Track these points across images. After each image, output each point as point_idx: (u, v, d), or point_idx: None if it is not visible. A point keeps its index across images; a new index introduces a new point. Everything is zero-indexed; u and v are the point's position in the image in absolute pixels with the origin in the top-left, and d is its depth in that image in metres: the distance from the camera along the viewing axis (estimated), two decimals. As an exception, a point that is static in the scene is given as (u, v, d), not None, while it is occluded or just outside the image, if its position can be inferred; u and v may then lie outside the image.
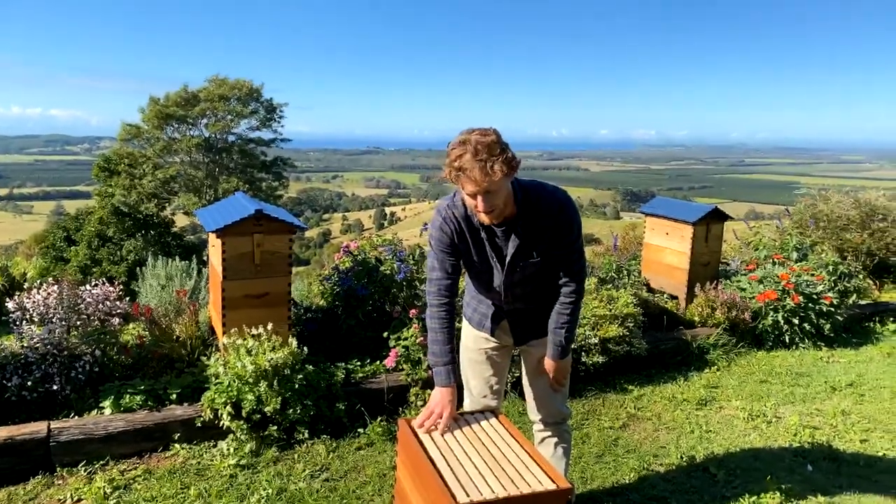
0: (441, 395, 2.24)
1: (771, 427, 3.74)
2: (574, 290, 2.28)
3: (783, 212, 7.48)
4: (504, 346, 2.50)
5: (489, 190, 2.02)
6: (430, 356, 2.31)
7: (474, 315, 2.50)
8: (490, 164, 1.97)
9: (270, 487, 2.92)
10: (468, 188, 2.03)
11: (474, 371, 2.54)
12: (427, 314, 2.34)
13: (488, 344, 2.49)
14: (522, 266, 2.25)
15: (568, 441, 2.57)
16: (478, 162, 1.96)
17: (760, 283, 5.30)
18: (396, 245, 4.27)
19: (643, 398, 4.10)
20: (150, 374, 3.48)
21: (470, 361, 2.54)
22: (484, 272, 2.32)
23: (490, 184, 1.99)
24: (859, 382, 4.46)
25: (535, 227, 2.18)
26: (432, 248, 2.29)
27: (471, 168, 1.97)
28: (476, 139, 1.97)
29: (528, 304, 2.37)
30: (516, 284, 2.30)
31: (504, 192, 2.08)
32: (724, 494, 2.98)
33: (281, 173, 28.38)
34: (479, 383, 2.53)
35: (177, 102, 25.73)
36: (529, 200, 2.17)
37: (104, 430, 3.10)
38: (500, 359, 2.52)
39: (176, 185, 26.51)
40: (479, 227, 2.22)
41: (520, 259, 2.23)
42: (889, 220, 6.77)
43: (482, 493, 1.87)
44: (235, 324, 3.53)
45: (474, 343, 2.52)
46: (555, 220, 2.18)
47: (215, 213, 3.70)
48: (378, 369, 3.85)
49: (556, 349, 2.36)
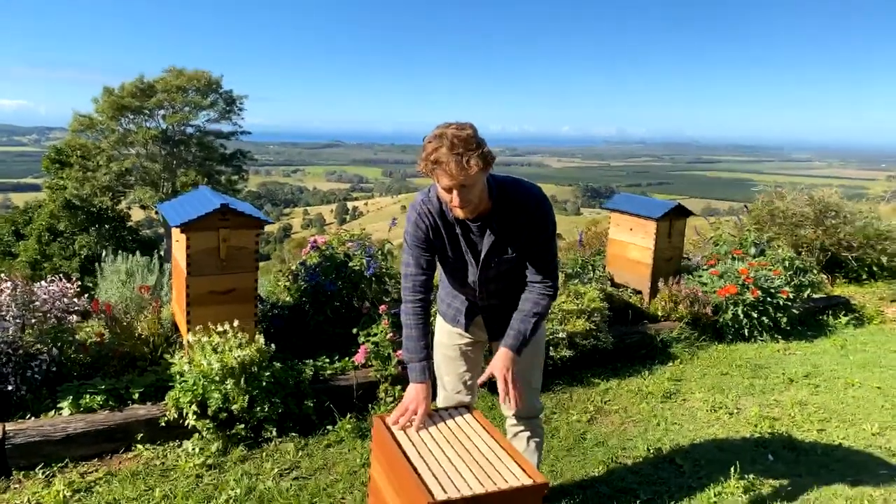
0: (415, 391, 2.22)
1: (733, 418, 3.84)
2: (550, 286, 2.28)
3: (742, 208, 7.68)
4: (478, 341, 2.50)
5: (465, 184, 2.01)
6: (405, 352, 2.29)
7: (448, 311, 2.49)
8: (466, 159, 1.95)
9: (238, 487, 2.86)
10: (444, 182, 2.01)
11: (448, 367, 2.53)
12: (401, 310, 2.32)
13: (462, 340, 2.48)
14: (497, 262, 2.24)
15: (540, 435, 2.58)
16: (454, 156, 1.95)
17: (721, 277, 5.43)
18: (365, 240, 4.23)
19: (610, 391, 4.16)
20: (111, 372, 3.38)
21: (444, 357, 2.53)
22: (459, 268, 2.31)
23: (466, 178, 1.98)
24: (815, 374, 4.61)
25: (510, 223, 2.18)
26: (407, 243, 2.27)
27: (447, 162, 1.96)
28: (453, 133, 1.96)
29: (502, 299, 2.36)
30: (491, 280, 2.30)
31: (479, 187, 2.07)
32: (690, 485, 3.04)
33: (241, 166, 27.88)
34: (453, 379, 2.52)
35: (132, 93, 24.98)
36: (505, 196, 2.16)
37: (63, 432, 2.99)
38: (474, 354, 2.52)
39: (132, 178, 25.80)
40: (454, 223, 2.21)
41: (494, 255, 2.23)
42: (841, 216, 7.01)
43: (459, 489, 1.87)
44: (200, 321, 3.45)
45: (448, 339, 2.51)
46: (530, 216, 2.19)
47: (179, 207, 3.60)
48: (347, 366, 3.81)
49: (517, 338, 2.24)
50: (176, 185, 25.83)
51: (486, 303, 2.37)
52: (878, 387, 4.39)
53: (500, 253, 2.22)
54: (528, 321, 2.25)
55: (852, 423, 3.81)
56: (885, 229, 7.15)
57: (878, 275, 7.08)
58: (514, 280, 2.32)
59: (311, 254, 4.21)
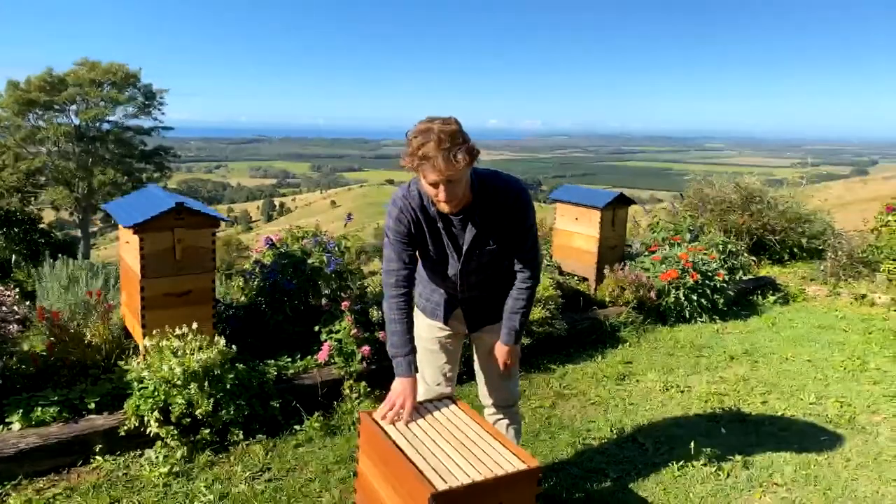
0: (402, 385, 2.24)
1: (684, 396, 4.03)
2: (530, 275, 2.34)
3: (677, 196, 8.03)
4: (457, 333, 2.53)
5: (451, 179, 2.03)
6: (390, 347, 2.29)
7: (427, 305, 2.50)
8: (453, 154, 1.97)
9: (211, 493, 2.79)
10: (430, 177, 2.03)
11: (428, 360, 2.55)
12: (385, 305, 2.32)
13: (442, 333, 2.51)
14: (479, 254, 2.28)
15: (518, 423, 2.65)
16: (442, 151, 1.96)
17: (662, 263, 5.67)
18: (321, 236, 4.17)
19: (567, 376, 4.29)
20: (63, 383, 3.20)
21: (423, 350, 2.54)
22: (439, 262, 2.33)
23: (453, 173, 2.00)
24: (752, 350, 4.90)
25: (491, 215, 2.22)
26: (389, 239, 2.27)
27: (434, 157, 1.97)
28: (439, 128, 1.97)
29: (482, 291, 2.40)
30: (472, 272, 2.33)
31: (464, 182, 2.10)
32: (654, 461, 3.18)
33: (163, 163, 26.75)
34: (433, 371, 2.55)
35: (40, 87, 23.53)
36: (486, 189, 2.20)
37: (14, 448, 2.82)
38: (453, 346, 2.55)
39: (43, 178, 24.29)
40: (435, 217, 2.23)
41: (476, 247, 2.26)
42: (765, 202, 7.45)
43: (458, 478, 1.90)
44: (156, 325, 3.32)
45: (427, 332, 2.52)
46: (510, 208, 2.23)
47: (128, 207, 3.45)
48: (309, 364, 3.76)
49: (510, 334, 2.41)
50: (92, 185, 24.56)
51: (466, 295, 2.40)
52: (808, 360, 4.71)
53: (482, 245, 2.26)
54: (515, 318, 2.38)
55: (791, 395, 4.08)
56: (805, 213, 7.65)
57: (799, 256, 7.57)
58: (493, 272, 2.36)
59: (266, 251, 4.12)
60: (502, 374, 2.53)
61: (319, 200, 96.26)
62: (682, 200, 7.74)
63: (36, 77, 23.84)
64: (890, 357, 4.78)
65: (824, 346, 5.00)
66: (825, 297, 6.41)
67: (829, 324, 5.58)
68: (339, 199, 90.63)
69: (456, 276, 2.33)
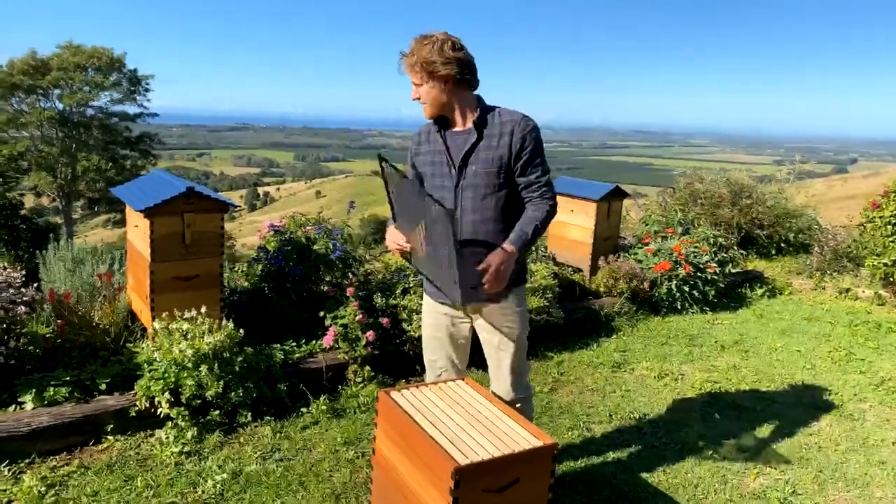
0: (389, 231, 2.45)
1: (679, 383, 4.15)
2: (549, 195, 2.36)
3: (668, 190, 8.16)
4: (460, 318, 2.53)
5: (414, 83, 2.31)
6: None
7: (432, 287, 2.53)
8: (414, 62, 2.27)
9: (223, 472, 2.84)
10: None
11: (432, 347, 2.60)
12: None
13: (444, 318, 2.53)
14: (475, 168, 2.32)
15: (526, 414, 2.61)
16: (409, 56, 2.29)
17: (655, 255, 5.79)
18: (325, 223, 4.22)
19: (564, 364, 4.38)
20: (73, 364, 3.23)
21: (430, 338, 2.60)
22: (436, 175, 2.40)
23: (413, 77, 2.30)
24: (742, 341, 5.04)
25: (496, 130, 2.32)
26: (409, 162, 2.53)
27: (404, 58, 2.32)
28: (421, 39, 2.28)
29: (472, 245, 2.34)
30: (466, 209, 2.33)
31: (436, 93, 2.29)
32: (652, 444, 3.29)
33: (149, 150, 26.46)
34: (440, 359, 2.59)
35: (23, 70, 23.14)
36: (494, 109, 2.36)
37: (28, 427, 2.86)
38: (459, 333, 2.56)
39: (25, 163, 23.94)
40: (440, 131, 2.39)
41: (474, 154, 2.32)
42: (754, 197, 7.60)
43: (479, 454, 1.98)
44: (165, 308, 3.36)
45: (433, 318, 2.56)
46: (517, 126, 2.30)
47: (138, 191, 3.47)
48: (314, 349, 3.82)
49: (519, 235, 2.29)
50: (76, 170, 24.26)
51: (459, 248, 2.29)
52: (797, 350, 4.85)
53: (480, 154, 2.31)
54: (530, 224, 2.31)
55: (781, 383, 4.22)
56: (792, 208, 7.82)
57: (785, 250, 7.75)
58: (489, 222, 2.34)
59: (269, 238, 4.16)
60: (503, 368, 2.52)
61: (304, 190, 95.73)
62: (674, 194, 7.87)
63: (20, 60, 23.45)
64: (874, 348, 4.94)
65: (811, 338, 5.15)
66: (811, 291, 6.58)
67: (815, 316, 5.74)
68: (323, 189, 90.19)
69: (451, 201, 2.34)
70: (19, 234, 20.73)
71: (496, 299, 2.43)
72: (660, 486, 2.94)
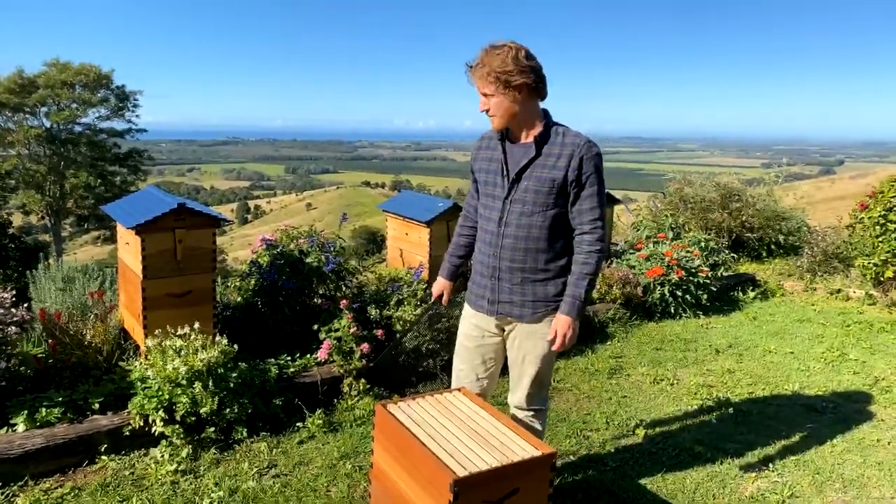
0: (437, 283, 2.73)
1: (674, 388, 4.15)
2: (598, 238, 2.31)
3: (658, 195, 8.20)
4: (491, 332, 2.52)
5: (485, 93, 2.30)
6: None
7: (469, 295, 2.56)
8: (489, 73, 2.24)
9: (220, 490, 2.82)
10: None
11: (462, 356, 2.61)
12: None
13: (478, 330, 2.53)
14: (527, 185, 2.30)
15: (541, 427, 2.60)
16: (479, 68, 2.28)
17: (648, 260, 5.81)
18: (318, 236, 4.21)
19: (559, 371, 4.38)
20: (65, 384, 3.20)
21: (461, 347, 2.61)
22: (489, 183, 2.43)
23: (484, 88, 2.29)
24: (736, 344, 5.05)
25: (556, 150, 2.30)
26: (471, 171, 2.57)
27: (474, 67, 2.31)
28: (492, 48, 2.26)
29: (512, 261, 2.36)
30: (512, 219, 2.33)
31: (508, 105, 2.28)
32: (650, 451, 3.29)
33: (138, 166, 26.35)
34: (467, 368, 2.60)
35: (10, 89, 23.02)
36: (559, 127, 2.35)
37: (20, 449, 2.82)
38: (489, 347, 2.55)
39: (13, 181, 23.78)
40: (501, 140, 2.40)
41: (528, 169, 2.31)
42: (744, 200, 7.65)
43: (477, 465, 1.97)
44: (158, 325, 3.33)
45: (469, 328, 2.58)
46: (578, 150, 2.27)
47: (129, 208, 3.46)
48: (309, 363, 3.79)
49: (573, 303, 2.29)
50: (65, 188, 24.12)
51: (498, 260, 2.38)
52: (790, 352, 4.87)
53: (535, 171, 2.30)
54: (581, 284, 2.29)
55: (776, 385, 4.23)
56: (782, 210, 7.87)
57: (776, 252, 7.79)
58: (531, 240, 2.32)
59: (261, 252, 4.15)
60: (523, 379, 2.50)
61: (295, 203, 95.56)
62: (665, 199, 7.91)
63: (6, 78, 23.33)
64: (867, 349, 4.97)
65: (804, 339, 5.17)
66: (802, 292, 6.62)
67: (807, 317, 5.77)
68: (314, 202, 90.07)
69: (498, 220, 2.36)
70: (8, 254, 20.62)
71: (519, 315, 2.43)
72: (658, 493, 2.93)
